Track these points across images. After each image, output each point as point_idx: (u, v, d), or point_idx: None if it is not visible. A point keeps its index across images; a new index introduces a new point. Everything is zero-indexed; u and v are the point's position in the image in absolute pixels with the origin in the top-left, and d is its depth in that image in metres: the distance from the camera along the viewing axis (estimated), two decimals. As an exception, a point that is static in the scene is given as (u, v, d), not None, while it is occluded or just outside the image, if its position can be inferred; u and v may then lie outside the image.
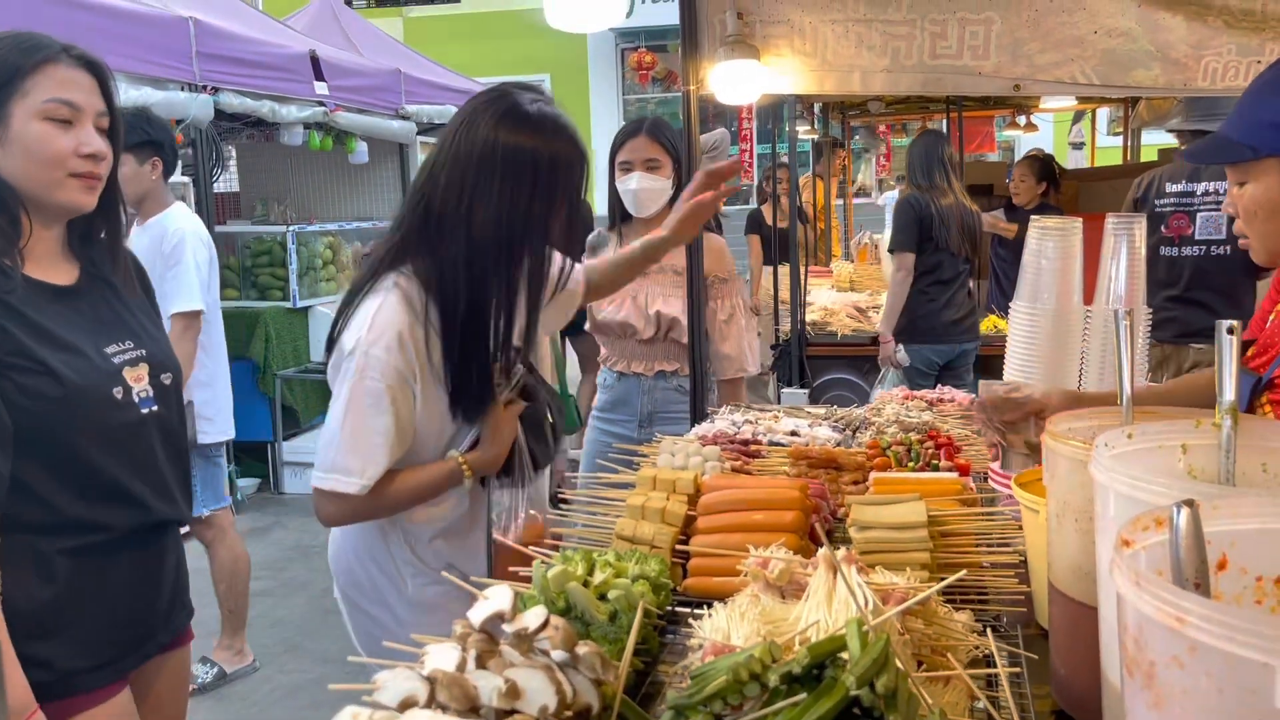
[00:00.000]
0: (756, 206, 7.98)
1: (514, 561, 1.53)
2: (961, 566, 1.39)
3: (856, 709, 0.95)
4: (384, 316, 1.68)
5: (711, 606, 1.28)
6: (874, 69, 2.79)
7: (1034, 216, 2.24)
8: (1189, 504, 0.76)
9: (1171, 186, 4.37)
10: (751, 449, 2.14)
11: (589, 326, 3.13)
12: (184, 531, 1.87)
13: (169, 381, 1.73)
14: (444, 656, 1.06)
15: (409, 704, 0.99)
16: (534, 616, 1.07)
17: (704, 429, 2.35)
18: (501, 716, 1.00)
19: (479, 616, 1.09)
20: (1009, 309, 2.28)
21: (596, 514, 1.78)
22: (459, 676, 1.01)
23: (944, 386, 2.71)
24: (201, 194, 5.65)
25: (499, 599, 1.11)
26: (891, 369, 4.84)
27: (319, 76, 6.29)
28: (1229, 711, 0.63)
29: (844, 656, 0.98)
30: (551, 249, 1.86)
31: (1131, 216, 1.95)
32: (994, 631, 1.29)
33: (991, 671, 1.20)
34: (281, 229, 6.74)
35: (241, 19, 6.14)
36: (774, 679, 0.97)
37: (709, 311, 2.98)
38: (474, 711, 1.00)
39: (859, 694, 0.93)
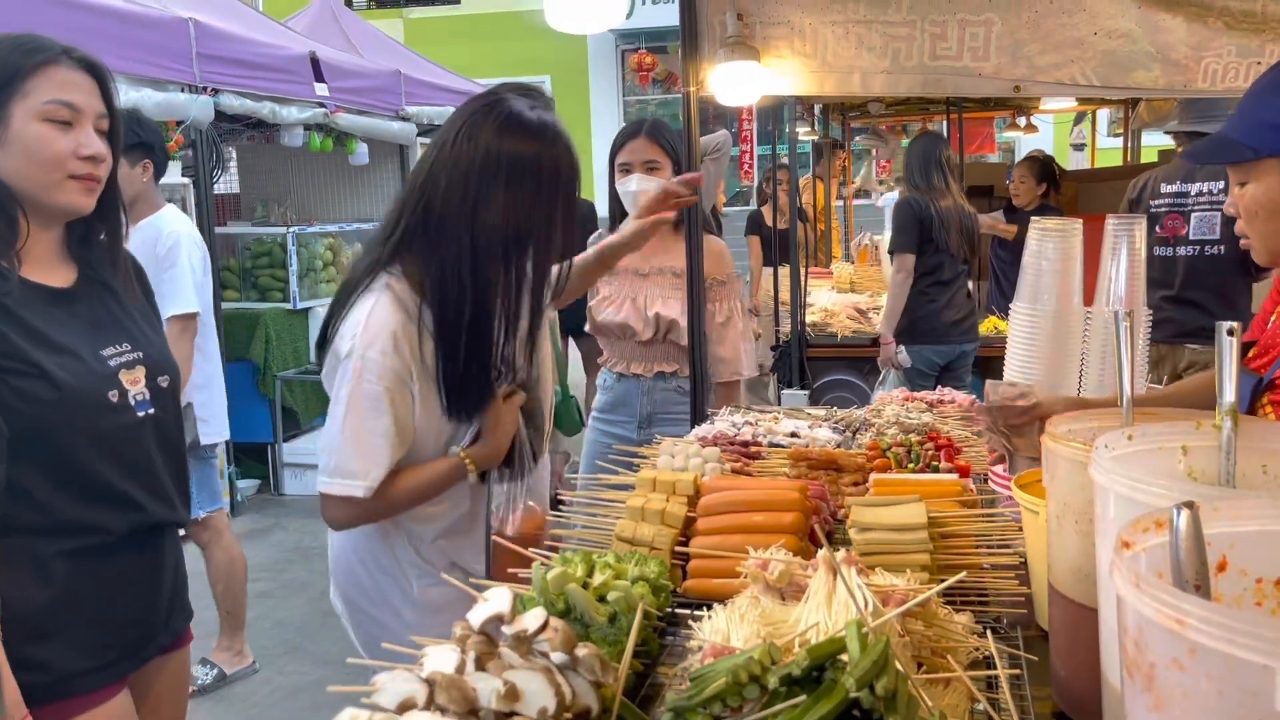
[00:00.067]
0: (757, 208, 7.97)
1: (514, 563, 1.53)
2: (961, 568, 1.39)
3: (856, 711, 0.95)
4: (377, 318, 1.68)
5: (711, 608, 1.28)
6: (874, 70, 2.79)
7: (1034, 218, 2.24)
8: (1189, 506, 0.76)
9: (1166, 187, 4.38)
10: (751, 450, 2.13)
11: (589, 328, 3.13)
12: (180, 534, 1.86)
13: (166, 384, 1.73)
14: (443, 658, 1.05)
15: (408, 706, 0.99)
16: (533, 618, 1.07)
17: (704, 430, 2.34)
18: (500, 718, 1.00)
19: (478, 618, 1.09)
20: (1009, 310, 2.28)
21: (596, 515, 1.77)
22: (458, 678, 1.01)
23: (943, 388, 2.71)
24: (202, 195, 5.65)
25: (498, 601, 1.11)
26: (892, 370, 4.84)
27: (319, 78, 6.29)
28: (1229, 713, 0.63)
29: (844, 658, 0.98)
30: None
31: (1132, 217, 1.95)
32: (994, 633, 1.29)
33: (992, 673, 1.20)
34: (282, 230, 6.75)
35: (242, 20, 6.14)
36: (773, 681, 0.97)
37: (707, 314, 2.98)
38: (473, 714, 1.00)
39: (859, 696, 0.93)
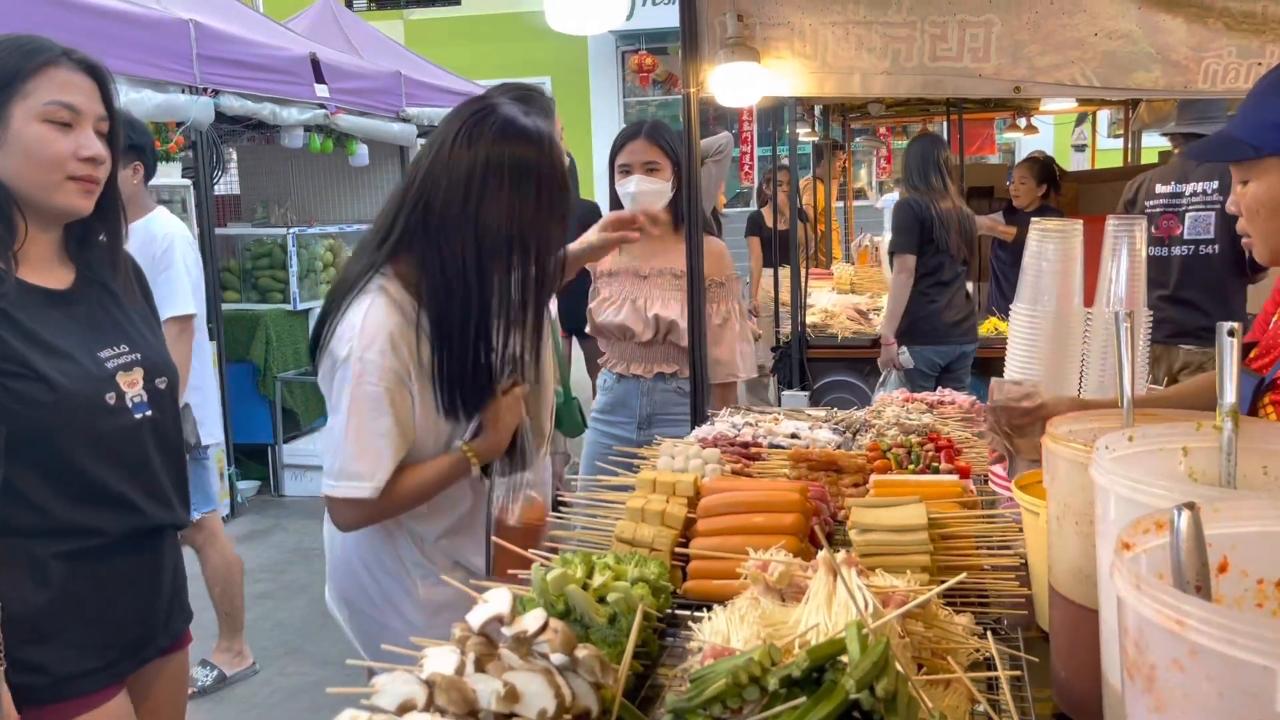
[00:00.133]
0: (757, 209, 7.97)
1: (514, 564, 1.53)
2: (962, 569, 1.39)
3: (856, 712, 0.95)
4: (374, 320, 1.70)
5: (711, 609, 1.27)
6: (874, 71, 2.79)
7: (1034, 219, 2.24)
8: (1190, 507, 0.76)
9: (1161, 188, 4.40)
10: (751, 451, 2.13)
11: (589, 329, 3.14)
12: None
13: (164, 386, 1.73)
14: (442, 660, 1.05)
15: (407, 707, 0.99)
16: (533, 619, 1.07)
17: (704, 431, 2.34)
18: (500, 720, 1.00)
19: (478, 619, 1.09)
20: (1009, 311, 2.28)
21: (596, 516, 1.77)
22: (457, 680, 1.01)
23: (944, 389, 2.71)
24: (202, 196, 5.65)
25: (498, 602, 1.11)
26: (893, 371, 4.84)
27: (319, 79, 6.29)
28: (1230, 715, 0.62)
29: (844, 660, 0.98)
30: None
31: (1132, 218, 1.95)
32: (994, 634, 1.29)
33: (992, 675, 1.19)
34: (282, 231, 6.75)
35: (242, 21, 6.14)
36: (773, 682, 0.97)
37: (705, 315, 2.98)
38: (472, 715, 1.00)
39: (859, 697, 0.93)
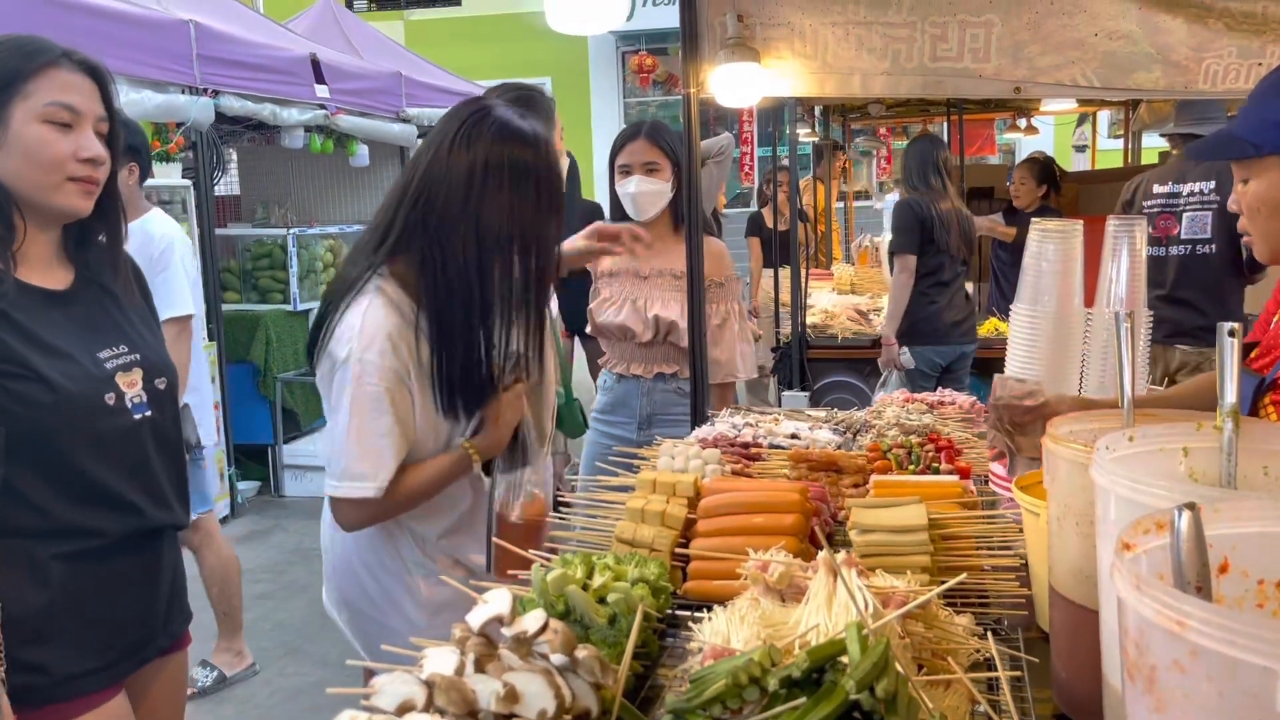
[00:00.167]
0: (757, 209, 7.97)
1: (515, 564, 1.53)
2: (962, 570, 1.39)
3: (856, 713, 0.95)
4: (372, 320, 1.71)
5: (711, 610, 1.27)
6: (874, 71, 2.79)
7: (1034, 219, 2.24)
8: (1190, 507, 0.76)
9: (1159, 188, 4.42)
10: (752, 452, 2.13)
11: (589, 329, 3.14)
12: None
13: (164, 386, 1.72)
14: (442, 660, 1.05)
15: (407, 708, 0.99)
16: (533, 620, 1.07)
17: (704, 432, 2.34)
18: (500, 720, 1.00)
19: (477, 620, 1.09)
20: (1009, 312, 2.27)
21: (596, 517, 1.77)
22: (457, 680, 1.01)
23: (944, 389, 2.70)
24: (202, 197, 5.65)
25: (498, 602, 1.11)
26: (894, 371, 4.84)
27: (320, 79, 6.29)
28: (1230, 715, 0.62)
29: (844, 660, 0.98)
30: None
31: (1132, 218, 1.94)
32: (995, 635, 1.29)
33: (992, 675, 1.19)
34: (282, 232, 6.75)
35: (242, 22, 6.14)
36: (773, 683, 0.97)
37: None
38: (472, 715, 1.00)
39: (859, 698, 0.93)
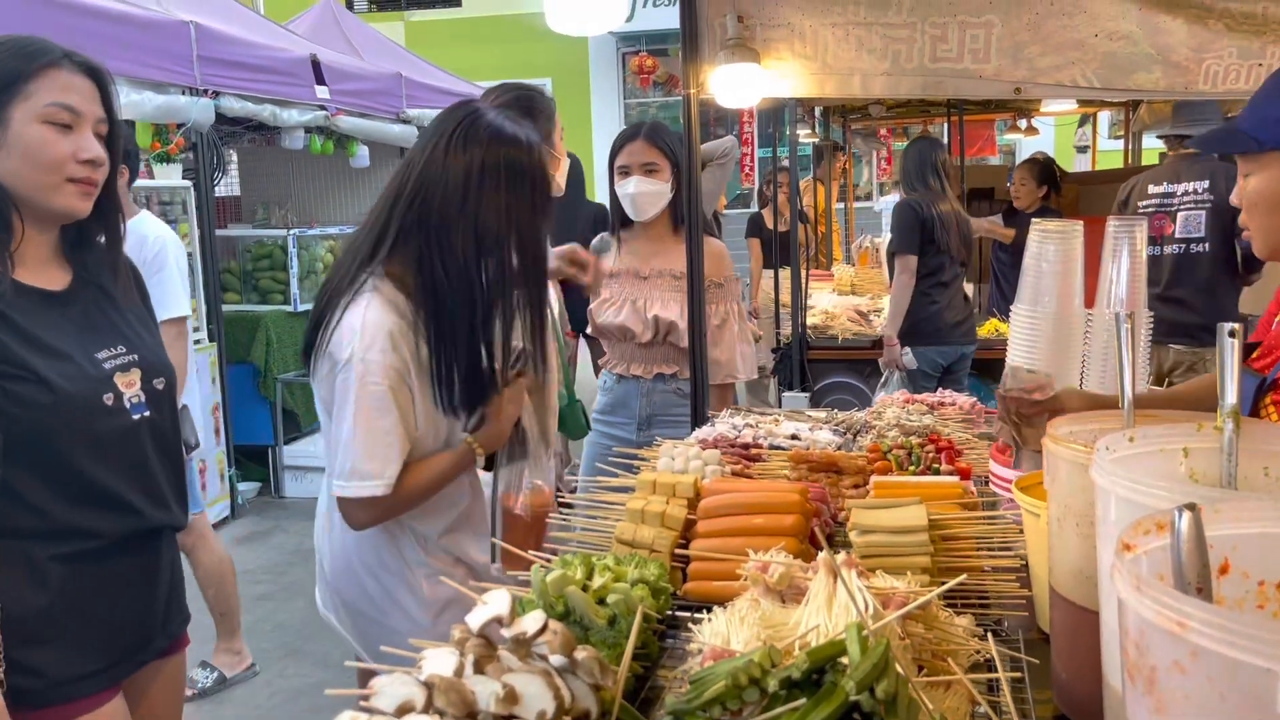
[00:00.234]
0: (757, 210, 7.97)
1: (516, 565, 1.53)
2: (962, 571, 1.39)
3: (856, 714, 0.94)
4: (373, 320, 1.73)
5: (711, 611, 1.27)
6: (874, 72, 2.79)
7: (1035, 220, 2.24)
8: (1191, 508, 0.76)
9: (1154, 188, 4.46)
10: (752, 453, 2.13)
11: (590, 330, 3.14)
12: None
13: (162, 386, 1.72)
14: (441, 661, 1.05)
15: (406, 709, 0.99)
16: (532, 621, 1.06)
17: (704, 433, 2.34)
18: (499, 722, 1.00)
19: (477, 621, 1.09)
20: (1010, 312, 2.27)
21: (596, 518, 1.77)
22: (456, 682, 1.00)
23: (944, 390, 2.70)
24: (202, 198, 5.65)
25: (497, 603, 1.11)
26: (895, 372, 4.84)
27: (320, 80, 6.29)
28: (1231, 717, 0.62)
29: (844, 661, 0.98)
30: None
31: (1133, 219, 1.95)
32: (995, 636, 1.29)
33: (992, 676, 1.19)
34: (282, 233, 6.75)
35: (242, 23, 6.14)
36: (773, 684, 0.97)
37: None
38: (471, 717, 0.99)
39: (859, 699, 0.92)
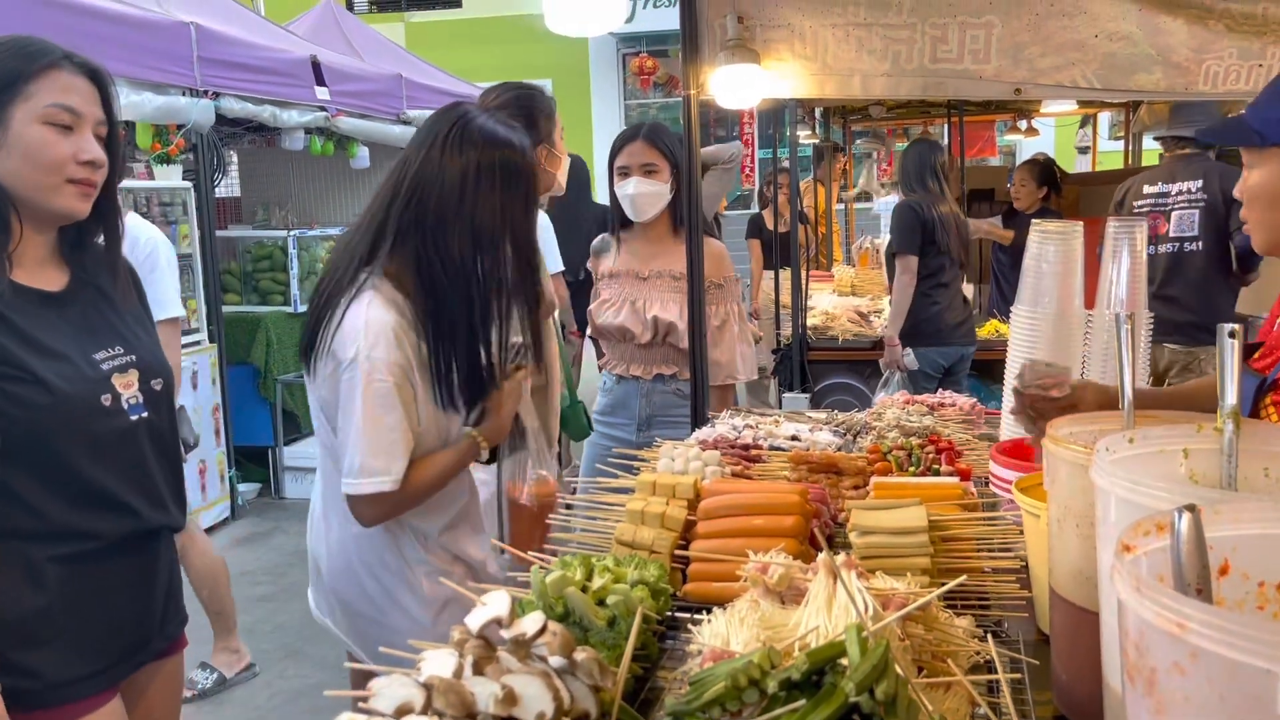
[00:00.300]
0: (757, 211, 7.96)
1: (522, 559, 1.53)
2: (962, 572, 1.38)
3: (856, 715, 0.94)
4: (375, 318, 1.74)
5: (711, 612, 1.27)
6: (874, 73, 2.79)
7: (1035, 221, 2.24)
8: (1190, 509, 0.76)
9: (1148, 189, 4.50)
10: (752, 454, 2.13)
11: (590, 331, 3.14)
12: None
13: (159, 387, 1.72)
14: (440, 662, 1.05)
15: (405, 710, 0.99)
16: (531, 622, 1.06)
17: (704, 433, 2.34)
18: (498, 723, 0.99)
19: (476, 622, 1.09)
20: (1010, 313, 2.27)
21: (596, 519, 1.77)
22: (455, 683, 1.00)
23: (944, 391, 2.70)
24: (203, 199, 5.65)
25: (496, 604, 1.10)
26: (896, 373, 4.84)
27: (320, 81, 6.29)
28: (1231, 718, 0.62)
29: (844, 662, 0.98)
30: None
31: (1132, 219, 1.95)
32: (995, 637, 1.29)
33: (992, 677, 1.19)
34: (283, 234, 6.76)
35: (243, 24, 6.14)
36: (773, 685, 0.97)
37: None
38: (470, 718, 0.99)
39: (858, 700, 0.92)
